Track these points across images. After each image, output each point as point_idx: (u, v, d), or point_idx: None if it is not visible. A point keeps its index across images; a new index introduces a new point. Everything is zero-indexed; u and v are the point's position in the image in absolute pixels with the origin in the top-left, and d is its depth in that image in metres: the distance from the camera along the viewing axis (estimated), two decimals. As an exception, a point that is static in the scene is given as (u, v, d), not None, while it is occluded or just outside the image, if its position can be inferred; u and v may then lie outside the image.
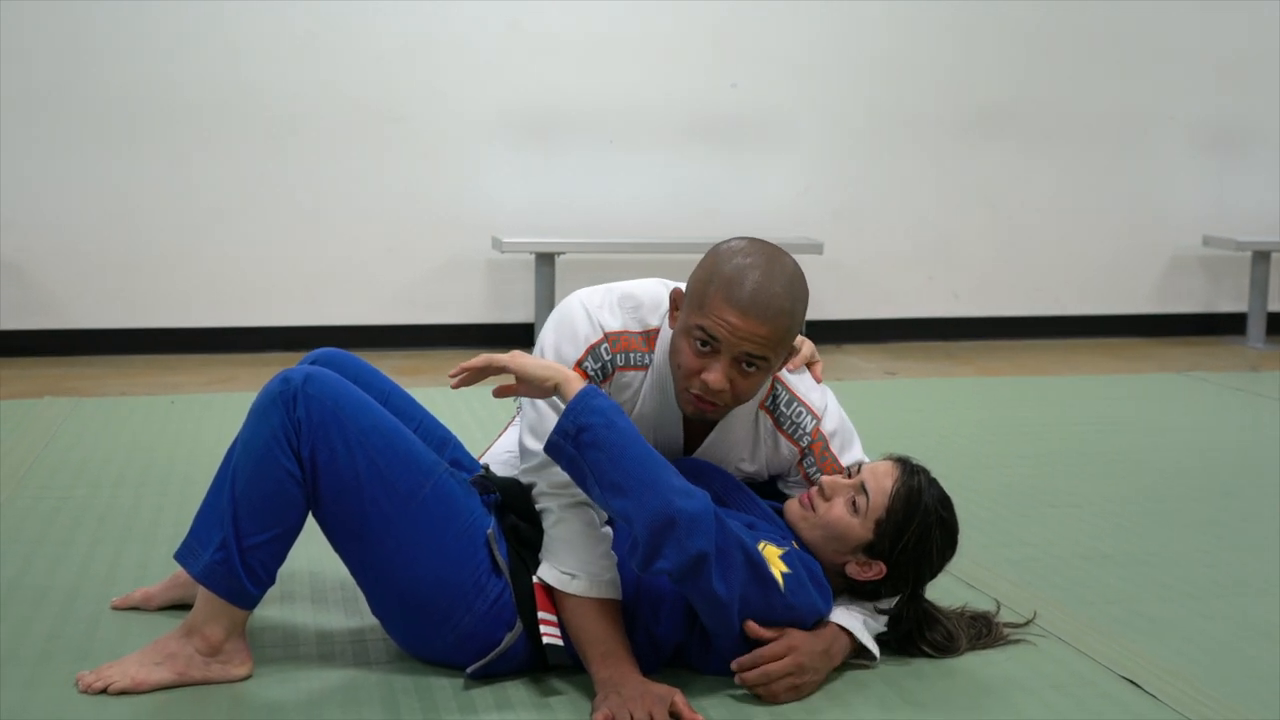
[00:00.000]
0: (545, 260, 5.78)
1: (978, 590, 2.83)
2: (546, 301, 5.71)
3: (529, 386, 2.25)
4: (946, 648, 2.49)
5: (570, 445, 2.16)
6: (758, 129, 6.15)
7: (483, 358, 2.23)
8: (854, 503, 2.35)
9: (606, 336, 2.40)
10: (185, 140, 5.62)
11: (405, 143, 5.83)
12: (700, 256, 2.36)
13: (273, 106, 5.68)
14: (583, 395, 2.19)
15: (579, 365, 2.37)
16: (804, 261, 6.24)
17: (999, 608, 2.67)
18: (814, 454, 2.48)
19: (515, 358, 2.24)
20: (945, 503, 2.40)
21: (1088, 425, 4.57)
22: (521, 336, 5.89)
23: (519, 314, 6.00)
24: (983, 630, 2.57)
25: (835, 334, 6.27)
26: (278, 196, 5.75)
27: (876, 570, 2.37)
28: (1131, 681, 2.41)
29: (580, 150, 5.99)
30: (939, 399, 5.06)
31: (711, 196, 6.12)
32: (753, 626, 2.26)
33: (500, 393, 2.30)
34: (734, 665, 2.28)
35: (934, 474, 2.43)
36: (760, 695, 2.28)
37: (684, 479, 2.19)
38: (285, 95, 5.68)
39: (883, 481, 2.36)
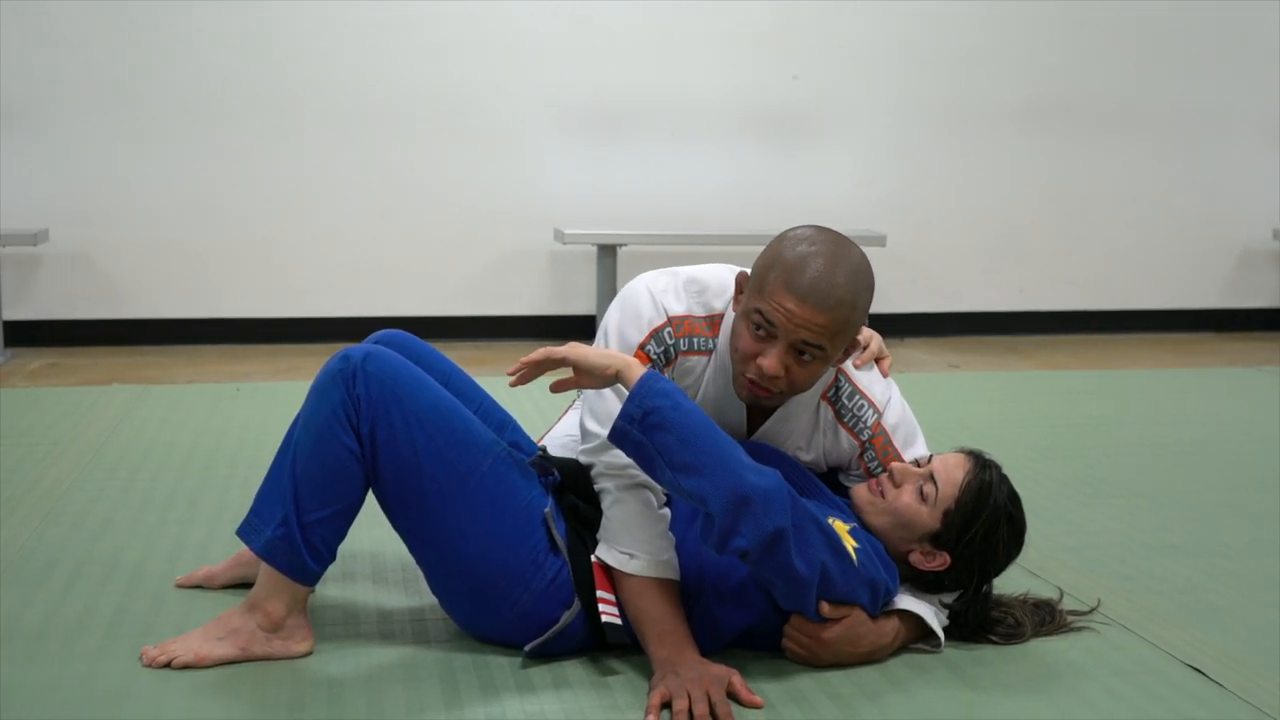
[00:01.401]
0: (607, 252, 5.79)
1: (1041, 578, 2.81)
2: (608, 293, 5.72)
3: (589, 377, 2.24)
4: (1013, 635, 2.47)
5: (637, 430, 2.14)
6: (820, 121, 6.13)
7: (541, 351, 2.23)
8: (922, 491, 2.34)
9: (670, 320, 2.40)
10: (255, 133, 5.68)
11: (469, 135, 5.86)
12: (761, 248, 2.34)
13: (342, 100, 5.72)
14: (646, 379, 2.18)
15: (642, 348, 2.37)
16: (866, 254, 6.18)
17: (1062, 595, 2.64)
18: (875, 448, 2.45)
19: (574, 349, 2.23)
20: (1015, 500, 2.38)
21: (1155, 418, 4.52)
22: (583, 328, 5.90)
23: (581, 306, 6.01)
24: (1046, 617, 2.55)
25: (898, 327, 6.24)
26: (346, 189, 5.79)
27: (941, 561, 2.36)
28: (1196, 669, 2.38)
29: (642, 142, 5.99)
30: (1002, 392, 5.01)
31: (773, 188, 6.10)
32: (824, 607, 2.25)
33: (558, 387, 2.27)
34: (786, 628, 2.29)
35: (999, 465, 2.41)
36: (802, 652, 2.29)
37: (752, 458, 2.18)
38: (354, 89, 5.73)
39: (954, 473, 2.35)
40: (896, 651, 2.38)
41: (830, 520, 2.27)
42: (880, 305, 6.11)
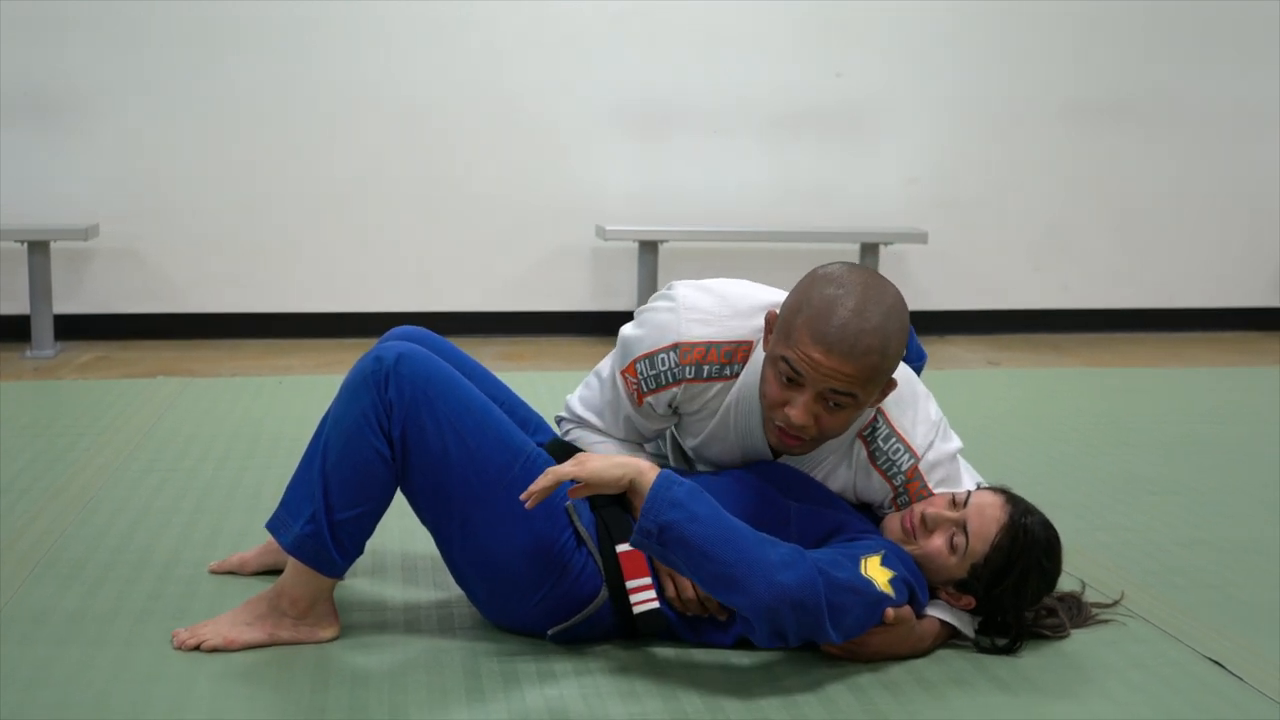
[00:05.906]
0: (648, 249, 5.81)
1: (1065, 572, 2.79)
2: (649, 290, 5.74)
3: (602, 487, 2.21)
4: (1059, 627, 2.47)
5: (655, 544, 2.14)
6: (863, 118, 6.12)
7: (549, 475, 2.18)
8: (953, 542, 2.31)
9: (678, 345, 2.35)
10: (301, 131, 5.74)
11: (513, 133, 5.89)
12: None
13: (388, 98, 5.77)
14: (657, 489, 2.15)
15: (633, 365, 2.39)
16: (908, 251, 6.15)
17: (1084, 587, 2.64)
18: (909, 494, 2.38)
19: (583, 466, 2.20)
20: (1050, 551, 2.34)
21: (1197, 416, 4.48)
22: (624, 324, 5.91)
23: (622, 302, 6.03)
24: (1073, 610, 2.55)
25: (939, 324, 6.22)
26: (391, 186, 5.85)
27: (966, 602, 2.36)
28: (1216, 662, 2.37)
29: (684, 140, 6.01)
30: (1040, 388, 4.99)
31: (816, 186, 6.09)
32: (889, 613, 2.26)
33: (575, 494, 2.23)
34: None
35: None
36: (841, 654, 2.31)
37: (777, 547, 2.14)
38: (400, 87, 5.77)
39: (988, 526, 2.30)
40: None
41: (863, 563, 2.23)
42: (923, 303, 6.14)
